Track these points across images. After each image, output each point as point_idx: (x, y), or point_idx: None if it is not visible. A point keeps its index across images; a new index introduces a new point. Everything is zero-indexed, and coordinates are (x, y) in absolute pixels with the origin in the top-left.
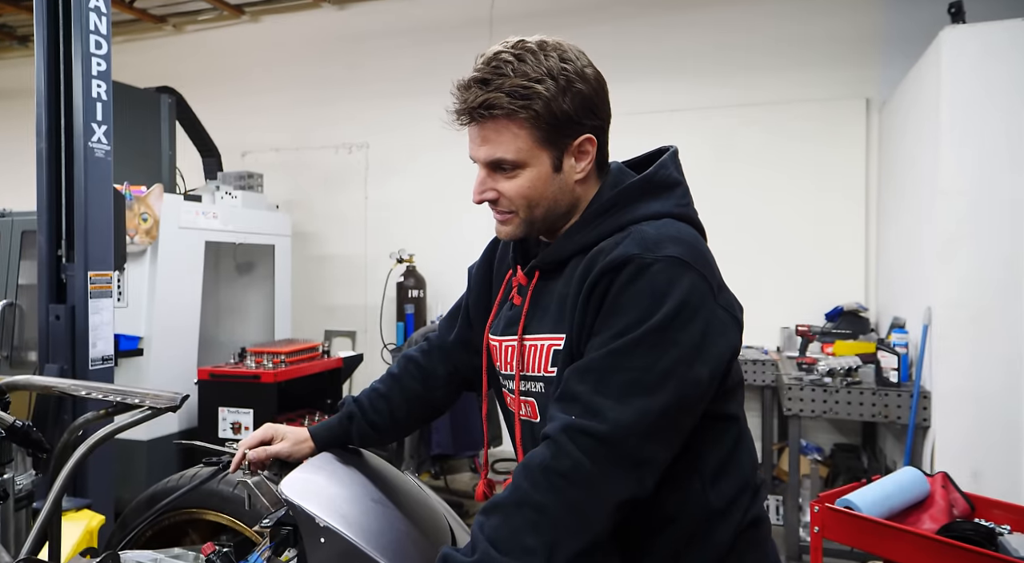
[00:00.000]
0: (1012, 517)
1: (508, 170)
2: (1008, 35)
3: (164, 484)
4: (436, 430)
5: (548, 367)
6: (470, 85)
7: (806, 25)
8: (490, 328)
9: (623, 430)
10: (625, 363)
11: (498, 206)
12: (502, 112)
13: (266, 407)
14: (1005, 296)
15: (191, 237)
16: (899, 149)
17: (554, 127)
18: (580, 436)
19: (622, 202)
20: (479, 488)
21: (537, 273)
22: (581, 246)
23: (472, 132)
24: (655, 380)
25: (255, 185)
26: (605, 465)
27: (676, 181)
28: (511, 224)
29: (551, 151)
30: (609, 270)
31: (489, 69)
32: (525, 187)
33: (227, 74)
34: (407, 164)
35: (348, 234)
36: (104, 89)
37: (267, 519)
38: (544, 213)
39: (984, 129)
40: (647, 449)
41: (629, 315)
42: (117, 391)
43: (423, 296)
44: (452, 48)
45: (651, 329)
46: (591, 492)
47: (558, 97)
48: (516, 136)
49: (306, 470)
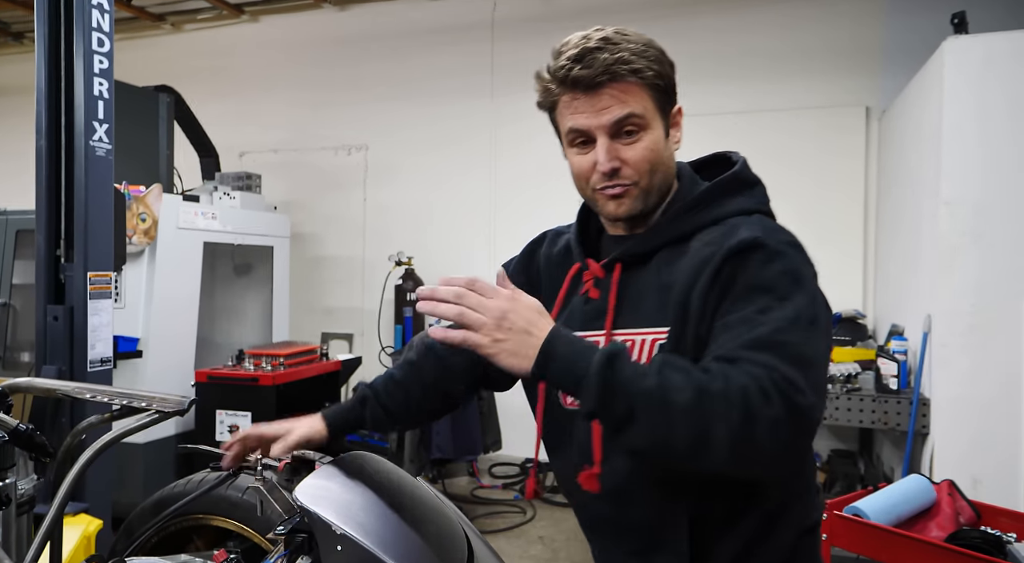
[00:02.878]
0: (1018, 525)
1: (631, 133)
2: (1010, 46)
3: (171, 489)
4: (436, 434)
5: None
6: (592, 51)
7: (807, 33)
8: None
9: (817, 409)
10: (793, 339)
11: (620, 176)
12: (635, 69)
13: (265, 410)
14: (1005, 305)
15: (190, 238)
16: (899, 157)
17: (664, 91)
18: (789, 396)
19: (714, 196)
20: (530, 487)
21: (619, 266)
22: (672, 238)
23: (590, 100)
24: (821, 358)
25: (253, 186)
26: (796, 435)
27: (758, 180)
28: (629, 197)
29: (662, 116)
30: (738, 252)
31: (599, 42)
32: (649, 150)
33: (226, 74)
34: (407, 166)
35: (346, 236)
36: (106, 87)
37: (281, 526)
38: (660, 182)
39: (986, 139)
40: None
41: (775, 293)
42: (122, 394)
43: None
44: (453, 51)
45: (803, 310)
46: (753, 433)
47: (664, 63)
48: (641, 96)
49: (320, 476)
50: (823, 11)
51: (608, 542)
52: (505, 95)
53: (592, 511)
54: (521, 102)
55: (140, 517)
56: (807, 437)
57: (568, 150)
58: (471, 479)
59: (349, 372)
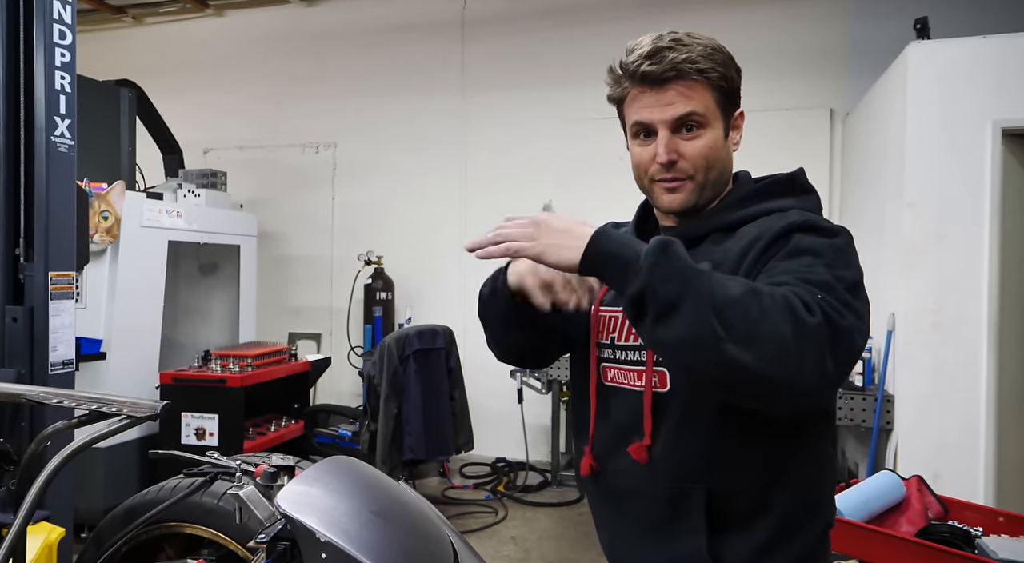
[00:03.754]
0: (983, 519)
1: (692, 129)
2: (969, 52)
3: (143, 497)
4: (408, 434)
5: None
6: (663, 50)
7: (773, 36)
8: (601, 301)
9: (858, 332)
10: (837, 288)
11: (676, 169)
12: (701, 69)
13: (233, 411)
14: (966, 305)
15: (153, 236)
16: (863, 159)
17: (727, 93)
18: (830, 314)
19: (767, 193)
20: (585, 463)
21: None
22: (721, 225)
23: (656, 95)
24: (863, 311)
25: (219, 183)
26: (835, 351)
27: (813, 188)
28: (683, 190)
29: (723, 117)
30: (791, 230)
31: (670, 41)
32: (707, 147)
33: (189, 69)
34: (376, 164)
35: (315, 235)
36: (68, 81)
37: (262, 534)
38: (715, 178)
39: (948, 142)
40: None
41: (823, 258)
42: (91, 399)
43: (391, 298)
44: (423, 49)
45: (847, 276)
46: (803, 345)
47: (730, 66)
48: (705, 95)
49: (302, 482)
50: (789, 14)
51: (623, 516)
52: (476, 93)
53: (620, 484)
54: (492, 100)
55: (111, 526)
56: (847, 360)
57: (631, 142)
58: (442, 479)
59: (318, 373)
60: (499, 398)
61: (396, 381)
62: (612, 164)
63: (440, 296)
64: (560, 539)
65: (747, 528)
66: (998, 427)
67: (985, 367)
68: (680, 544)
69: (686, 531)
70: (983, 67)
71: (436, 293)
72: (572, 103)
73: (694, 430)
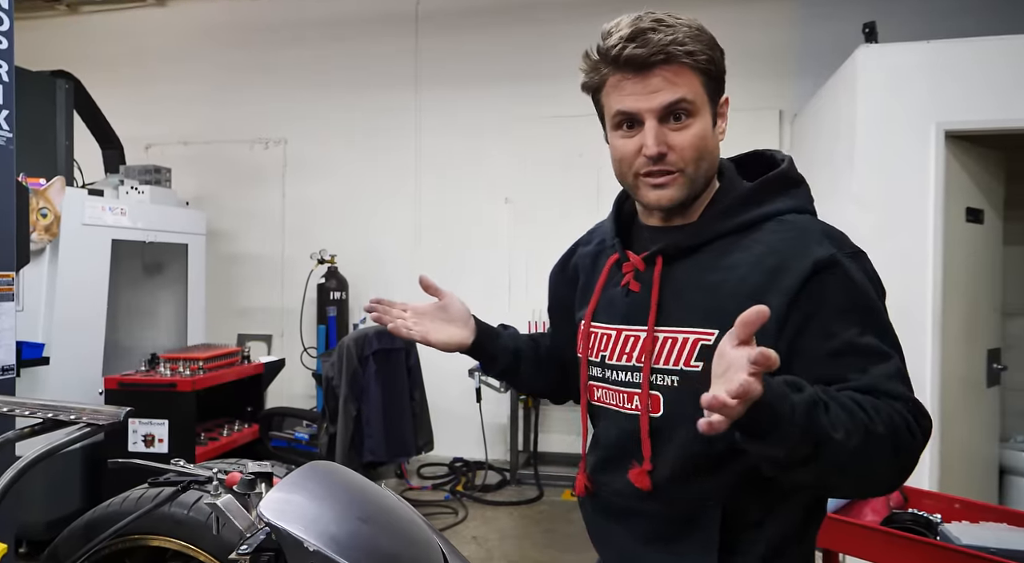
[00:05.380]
0: (940, 506)
1: (681, 118)
2: (916, 56)
3: (104, 509)
4: (368, 437)
5: (692, 361)
6: (645, 31)
7: (723, 37)
8: (593, 315)
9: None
10: (896, 360)
11: (665, 162)
12: (689, 51)
13: (183, 416)
14: (910, 301)
15: (96, 235)
16: (811, 159)
17: (715, 78)
18: (924, 426)
19: (764, 194)
20: (580, 483)
21: (660, 259)
22: (721, 233)
23: (641, 82)
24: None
25: (163, 180)
26: (917, 457)
27: (803, 179)
28: (673, 185)
29: (711, 104)
30: (819, 271)
31: (652, 22)
32: (697, 137)
33: (129, 61)
34: (328, 161)
35: (264, 233)
36: (5, 70)
37: (244, 545)
38: (706, 171)
39: (895, 143)
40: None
41: (869, 314)
42: (46, 407)
43: (346, 298)
44: (376, 43)
45: (887, 324)
46: (904, 468)
47: (715, 48)
48: (692, 81)
49: (284, 490)
50: (738, 17)
51: (628, 531)
52: (431, 89)
53: (621, 504)
54: (447, 96)
55: (69, 541)
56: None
57: (612, 134)
58: (400, 480)
59: (272, 375)
60: (456, 397)
61: (355, 382)
62: (571, 161)
63: (395, 295)
64: (521, 538)
65: (755, 537)
66: (941, 417)
67: (930, 360)
68: (691, 558)
69: (697, 546)
70: (928, 71)
71: (391, 292)
72: (529, 100)
73: (698, 457)
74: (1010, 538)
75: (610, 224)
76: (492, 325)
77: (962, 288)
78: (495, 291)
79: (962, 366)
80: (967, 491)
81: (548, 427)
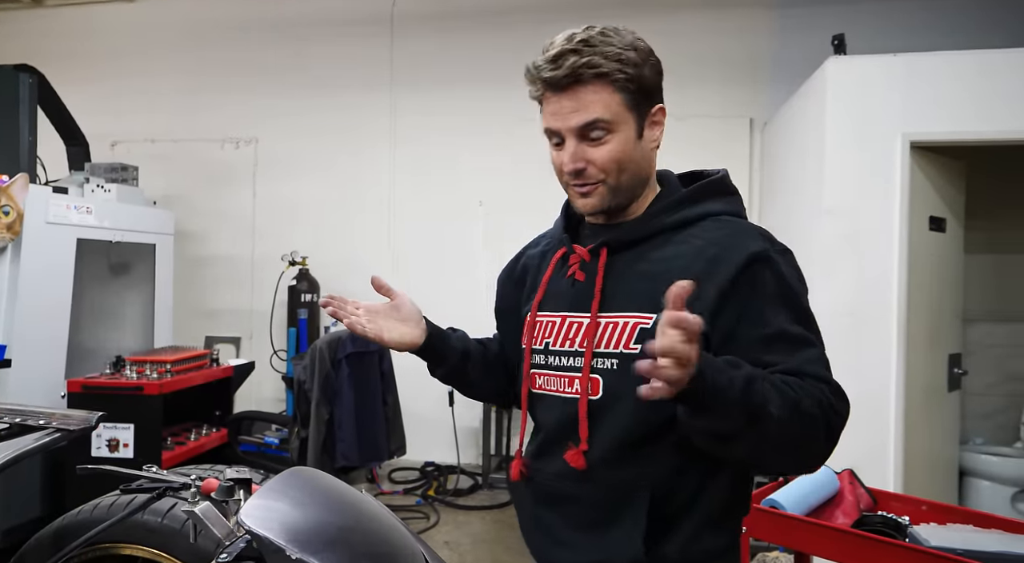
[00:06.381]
0: (908, 508)
1: (598, 137)
2: (882, 68)
3: (74, 517)
4: (341, 441)
5: (631, 344)
6: (566, 53)
7: (697, 45)
8: (539, 305)
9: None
10: (820, 347)
11: (585, 176)
12: (601, 74)
13: (150, 421)
14: (879, 308)
15: (61, 234)
16: (781, 167)
17: (639, 92)
18: (840, 406)
19: (700, 196)
20: (515, 467)
21: (605, 251)
22: (659, 229)
23: (561, 102)
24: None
25: (130, 178)
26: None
27: (736, 191)
28: (595, 194)
29: (635, 117)
30: (753, 262)
31: (577, 43)
32: (616, 151)
33: (95, 56)
34: (300, 161)
35: (234, 234)
36: None
37: (224, 553)
38: (629, 180)
39: (862, 153)
40: None
41: (795, 304)
42: (13, 411)
43: (317, 300)
44: (351, 44)
45: (809, 309)
46: (830, 444)
47: (642, 65)
48: (611, 98)
49: (264, 497)
50: (713, 26)
51: (562, 518)
52: (405, 91)
53: (556, 488)
54: (421, 98)
55: (37, 549)
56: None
57: (549, 144)
58: (371, 485)
59: (241, 378)
60: (428, 401)
61: (328, 385)
62: (543, 164)
63: (368, 297)
64: (494, 542)
65: (681, 521)
66: (906, 422)
67: (895, 366)
68: (617, 542)
69: (625, 530)
70: (894, 83)
71: (364, 294)
72: (503, 103)
73: (632, 438)
74: (976, 539)
75: (560, 222)
76: (441, 327)
77: (926, 295)
78: (469, 293)
79: (925, 371)
80: (930, 492)
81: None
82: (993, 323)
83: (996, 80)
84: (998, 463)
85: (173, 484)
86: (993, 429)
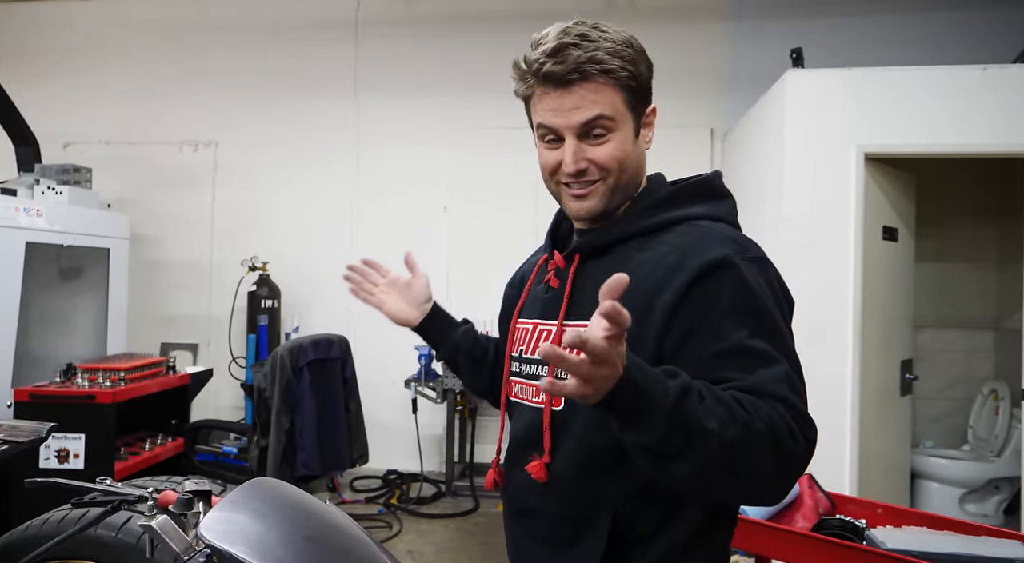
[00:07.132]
0: (864, 511)
1: (599, 135)
2: (839, 81)
3: (22, 532)
4: (302, 450)
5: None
6: (567, 47)
7: (658, 56)
8: (519, 312)
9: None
10: (786, 366)
11: (585, 175)
12: (607, 70)
13: (102, 430)
14: (835, 316)
15: (9, 236)
16: (741, 176)
17: (637, 91)
18: (808, 434)
19: (681, 198)
20: (490, 475)
21: (577, 256)
22: (632, 233)
23: (562, 98)
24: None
25: (83, 180)
26: (806, 465)
27: (729, 193)
28: (594, 195)
29: (633, 116)
30: (712, 270)
31: (576, 37)
32: (615, 151)
33: (46, 55)
34: (262, 165)
35: (191, 238)
36: None
37: None
38: (627, 180)
39: (819, 163)
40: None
41: (762, 317)
42: None
43: (278, 306)
44: (314, 48)
45: (784, 330)
46: (787, 473)
47: (639, 62)
48: (613, 95)
49: (225, 509)
50: (674, 37)
51: (527, 532)
52: (369, 95)
53: (522, 500)
54: (386, 103)
55: None
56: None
57: (538, 142)
58: (332, 494)
59: (199, 386)
60: (390, 408)
61: (289, 393)
62: (509, 173)
63: (329, 304)
64: (457, 551)
65: (645, 548)
66: (861, 426)
67: (851, 371)
68: (577, 562)
69: (584, 550)
70: (849, 96)
71: (325, 301)
72: (470, 110)
73: (595, 452)
74: (931, 541)
75: (549, 228)
76: (452, 317)
77: (879, 302)
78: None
79: (879, 376)
80: (884, 495)
81: (485, 438)
82: (941, 329)
83: (941, 96)
84: (947, 465)
85: (128, 497)
86: (942, 433)
